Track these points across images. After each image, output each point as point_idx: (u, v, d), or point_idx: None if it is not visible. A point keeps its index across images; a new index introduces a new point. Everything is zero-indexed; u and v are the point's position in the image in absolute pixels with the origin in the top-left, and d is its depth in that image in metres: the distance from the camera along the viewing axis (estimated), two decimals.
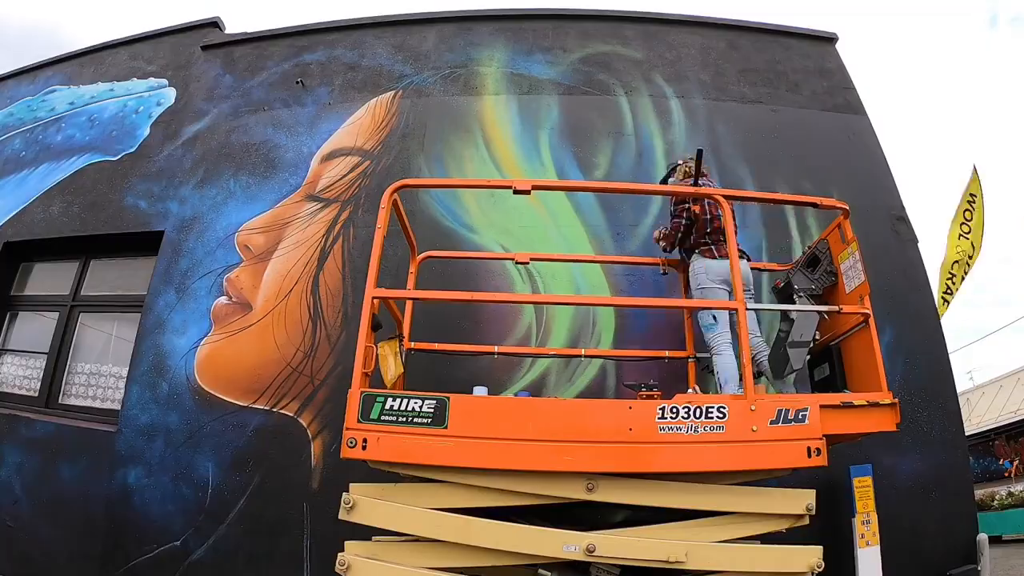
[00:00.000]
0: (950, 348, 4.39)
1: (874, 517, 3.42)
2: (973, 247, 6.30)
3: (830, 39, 5.49)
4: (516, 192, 2.81)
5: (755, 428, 2.43)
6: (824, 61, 5.34)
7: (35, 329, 5.16)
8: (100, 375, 4.80)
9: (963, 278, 6.30)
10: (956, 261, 6.30)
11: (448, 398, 2.44)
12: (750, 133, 4.87)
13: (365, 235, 4.51)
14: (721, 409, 2.44)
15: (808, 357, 3.16)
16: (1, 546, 4.17)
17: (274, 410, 4.10)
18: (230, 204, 4.84)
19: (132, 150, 5.31)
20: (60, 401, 4.76)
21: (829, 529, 3.34)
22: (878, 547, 3.37)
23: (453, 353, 3.70)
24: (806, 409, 2.49)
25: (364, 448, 2.37)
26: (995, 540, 9.42)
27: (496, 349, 3.64)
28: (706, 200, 3.36)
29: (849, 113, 5.03)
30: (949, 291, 6.25)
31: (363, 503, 2.42)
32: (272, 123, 5.15)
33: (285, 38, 5.62)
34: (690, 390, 3.33)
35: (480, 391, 3.08)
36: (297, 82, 5.27)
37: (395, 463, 2.43)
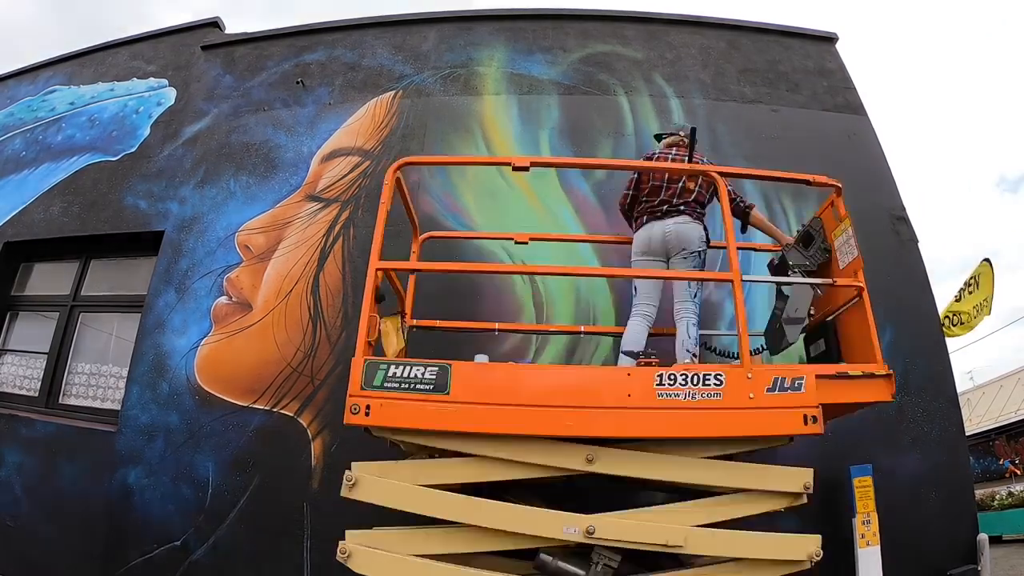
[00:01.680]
0: (950, 348, 4.40)
1: (874, 517, 3.42)
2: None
3: (830, 39, 5.49)
4: (515, 169, 2.86)
5: (752, 395, 2.44)
6: (824, 61, 5.34)
7: (35, 329, 5.16)
8: (100, 375, 4.80)
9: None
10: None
11: (450, 365, 2.46)
12: (750, 133, 4.87)
13: (365, 235, 4.51)
14: (718, 377, 2.45)
15: (804, 333, 3.19)
16: (1, 546, 4.17)
17: (274, 410, 4.10)
18: (230, 204, 4.84)
19: (132, 150, 5.31)
20: (60, 401, 4.76)
21: (829, 529, 3.34)
22: (878, 547, 3.37)
23: (454, 330, 3.73)
24: (802, 378, 2.50)
25: (367, 414, 2.38)
26: (995, 540, 9.42)
27: (496, 326, 3.71)
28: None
29: (849, 113, 5.03)
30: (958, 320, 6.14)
31: (365, 480, 2.43)
32: (272, 123, 5.16)
33: (285, 38, 5.62)
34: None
35: (481, 359, 3.14)
36: (297, 82, 5.27)
37: (398, 429, 2.45)
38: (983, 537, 3.71)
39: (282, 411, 4.10)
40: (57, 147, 5.61)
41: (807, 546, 2.40)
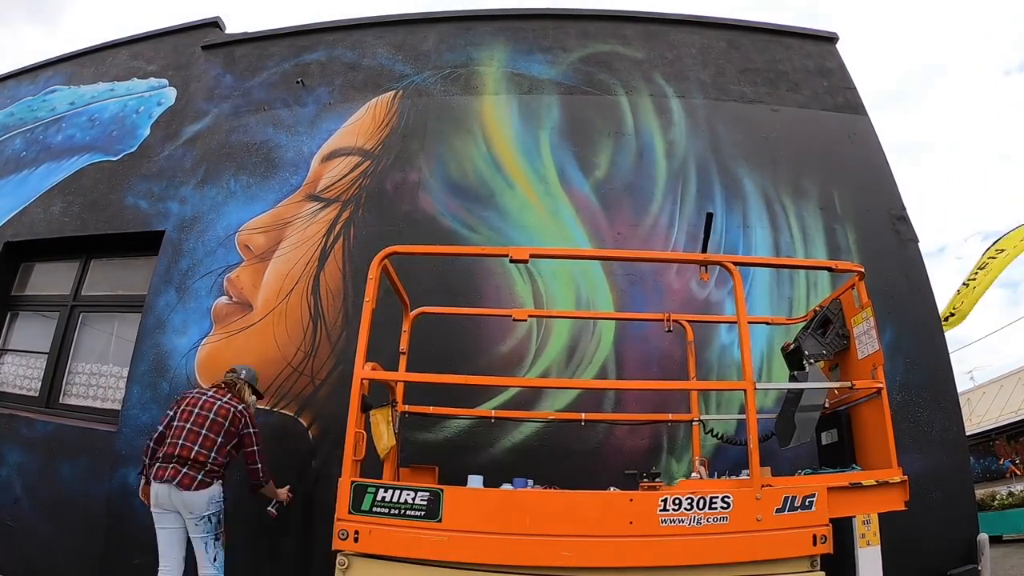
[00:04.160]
0: (950, 348, 4.39)
1: (874, 517, 3.40)
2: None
3: (830, 39, 5.50)
4: (512, 261, 2.72)
5: (759, 518, 2.33)
6: (825, 61, 5.34)
7: (36, 329, 5.16)
8: (100, 375, 4.80)
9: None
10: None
11: (442, 490, 2.37)
12: (750, 133, 4.87)
13: (366, 235, 4.52)
14: (725, 499, 2.34)
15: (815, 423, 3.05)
16: (1, 546, 4.17)
17: (274, 410, 4.11)
18: (230, 204, 4.84)
19: (132, 150, 5.31)
20: (61, 401, 4.76)
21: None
22: (878, 547, 3.36)
23: (449, 417, 3.79)
24: (813, 495, 2.40)
25: (356, 540, 2.30)
26: (995, 540, 9.42)
27: (493, 413, 3.60)
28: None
29: (849, 113, 5.03)
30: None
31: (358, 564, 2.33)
32: (272, 123, 5.16)
33: (285, 38, 5.62)
34: (697, 460, 3.25)
35: (475, 481, 3.02)
36: (297, 82, 5.27)
37: (388, 557, 2.34)
38: (983, 537, 3.71)
39: (282, 411, 4.10)
40: (57, 147, 5.61)
41: None
